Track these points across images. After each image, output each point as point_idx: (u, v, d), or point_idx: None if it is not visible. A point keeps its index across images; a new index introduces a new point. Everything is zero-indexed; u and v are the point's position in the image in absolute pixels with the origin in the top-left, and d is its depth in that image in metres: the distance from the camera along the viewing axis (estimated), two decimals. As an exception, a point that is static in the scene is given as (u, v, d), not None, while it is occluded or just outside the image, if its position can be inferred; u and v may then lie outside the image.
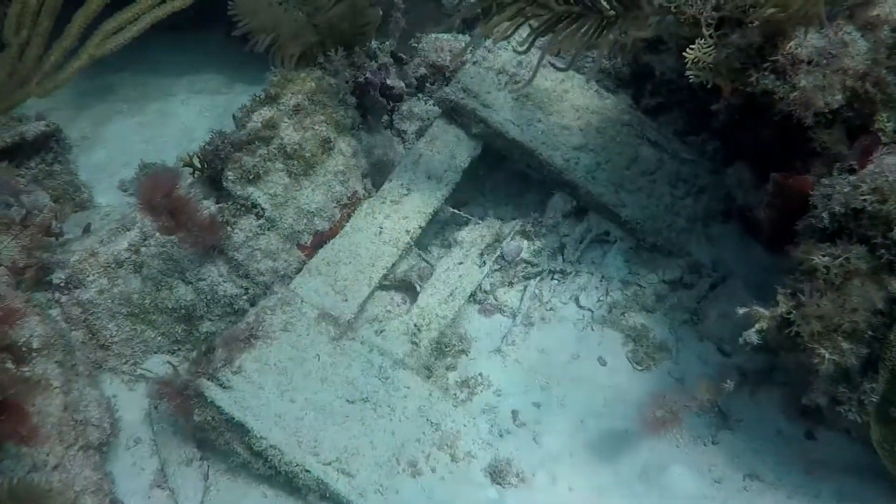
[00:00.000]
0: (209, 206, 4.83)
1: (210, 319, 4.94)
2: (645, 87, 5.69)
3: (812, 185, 4.05)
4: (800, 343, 3.84)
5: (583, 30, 4.20)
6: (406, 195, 5.15)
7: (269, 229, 4.84)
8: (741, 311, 3.92)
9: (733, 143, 5.28)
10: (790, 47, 3.90)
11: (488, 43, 5.21)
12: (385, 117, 5.64)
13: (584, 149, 5.25)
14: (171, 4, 5.49)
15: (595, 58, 5.16)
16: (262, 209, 4.81)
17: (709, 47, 4.01)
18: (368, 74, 5.09)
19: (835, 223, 3.84)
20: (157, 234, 4.63)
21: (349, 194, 5.06)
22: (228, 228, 4.79)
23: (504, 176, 5.66)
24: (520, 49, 4.32)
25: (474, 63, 5.37)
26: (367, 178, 5.20)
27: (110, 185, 6.32)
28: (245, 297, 4.88)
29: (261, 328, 4.49)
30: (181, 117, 7.00)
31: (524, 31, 4.40)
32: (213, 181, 4.90)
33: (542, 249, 5.17)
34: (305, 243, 4.93)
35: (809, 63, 3.92)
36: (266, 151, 4.81)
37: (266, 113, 4.85)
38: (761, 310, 3.91)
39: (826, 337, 3.77)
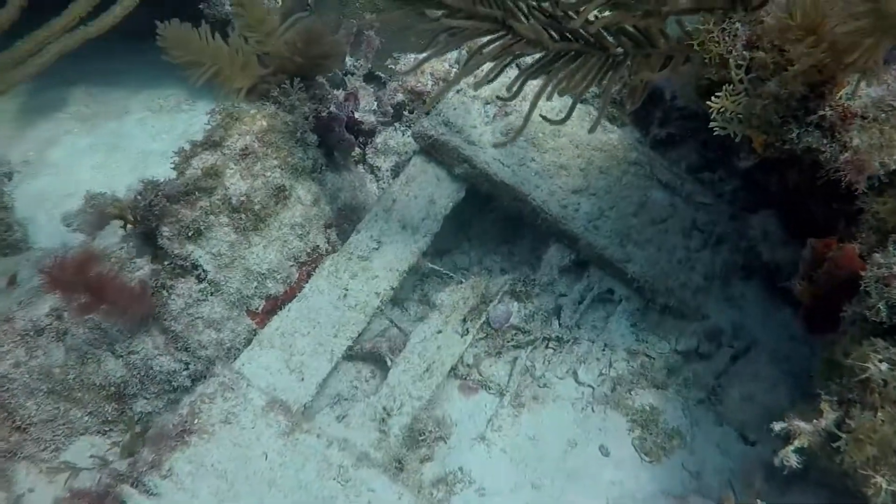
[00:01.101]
0: (143, 266, 4.01)
1: (145, 398, 4.15)
2: (653, 114, 4.84)
3: (863, 265, 3.22)
4: (848, 466, 3.04)
5: (583, 70, 3.35)
6: (376, 249, 4.34)
7: (212, 294, 4.05)
8: (777, 427, 3.11)
9: (757, 184, 4.44)
10: (840, 97, 3.05)
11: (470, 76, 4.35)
12: (357, 150, 4.79)
13: (585, 193, 4.43)
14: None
15: (600, 101, 4.30)
16: (205, 271, 4.03)
17: (738, 95, 3.17)
18: (332, 108, 4.27)
19: (894, 317, 3.01)
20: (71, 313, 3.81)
21: (309, 250, 4.25)
22: (165, 294, 3.98)
23: (493, 218, 4.84)
24: (506, 95, 3.47)
25: (458, 91, 4.52)
26: (331, 229, 4.38)
27: (51, 218, 5.52)
28: (186, 373, 4.09)
29: (196, 421, 3.71)
30: (137, 140, 6.18)
31: (511, 70, 3.55)
32: (148, 236, 4.07)
33: (534, 313, 4.37)
34: (256, 309, 4.14)
35: (864, 117, 3.08)
36: (208, 203, 4.01)
37: (208, 158, 4.04)
38: (801, 424, 3.10)
39: (883, 462, 2.96)
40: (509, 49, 3.39)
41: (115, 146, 6.18)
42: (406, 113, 4.90)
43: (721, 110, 3.22)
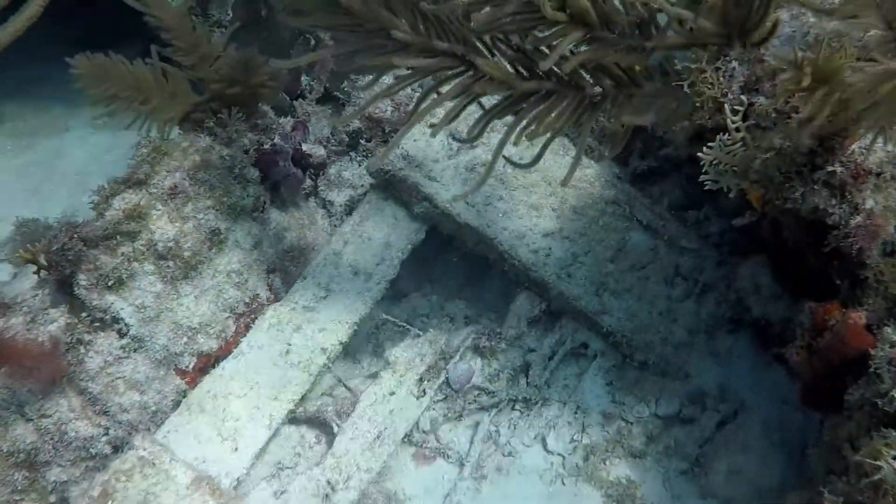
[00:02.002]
0: (57, 318, 3.49)
1: (60, 465, 3.62)
2: (633, 144, 4.34)
3: (872, 341, 2.76)
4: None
5: (555, 112, 2.86)
6: (324, 299, 3.84)
7: (135, 351, 3.56)
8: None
9: (747, 227, 3.95)
10: (852, 153, 2.57)
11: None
12: (308, 181, 4.27)
13: (558, 236, 3.95)
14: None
15: (575, 141, 3.82)
16: (127, 325, 3.53)
17: (734, 145, 2.69)
18: (277, 139, 3.76)
19: (909, 407, 2.57)
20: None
21: (247, 300, 3.75)
22: (81, 350, 3.46)
23: (458, 257, 4.32)
24: (467, 137, 2.97)
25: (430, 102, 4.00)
26: (274, 274, 3.88)
27: (-23, 247, 4.93)
28: (105, 439, 3.57)
29: (110, 504, 3.18)
30: (76, 159, 5.65)
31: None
32: (64, 284, 3.55)
33: (500, 371, 3.89)
34: (186, 368, 3.64)
35: (879, 175, 2.60)
36: (131, 249, 3.51)
37: (131, 198, 3.53)
38: (803, 529, 2.64)
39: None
40: (470, 88, 2.88)
41: (52, 166, 5.64)
42: (363, 142, 4.38)
43: (714, 162, 2.73)
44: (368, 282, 3.91)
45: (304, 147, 3.96)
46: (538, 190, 4.05)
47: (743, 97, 2.69)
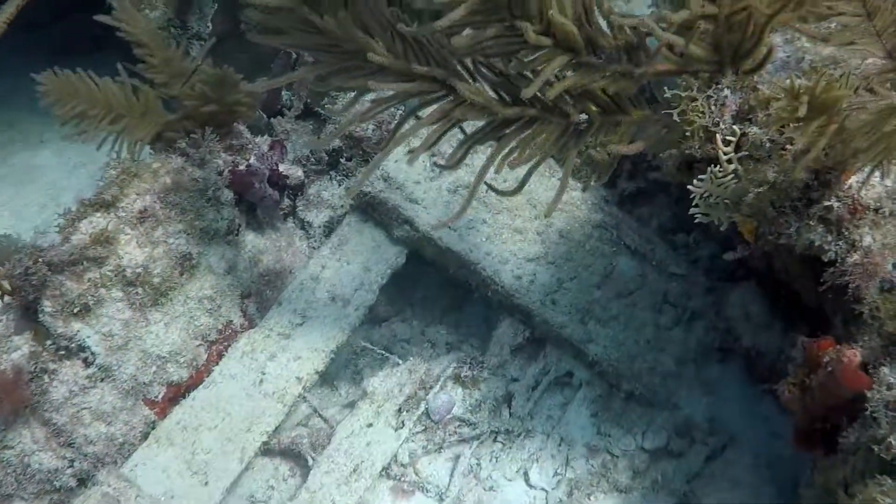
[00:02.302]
0: (21, 346, 3.33)
1: (23, 498, 3.44)
2: (621, 164, 4.21)
3: (868, 382, 2.62)
4: None
5: (539, 139, 2.71)
6: (300, 325, 3.69)
7: (102, 381, 3.41)
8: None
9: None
10: (850, 187, 2.44)
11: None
12: (287, 201, 4.12)
13: (542, 261, 3.81)
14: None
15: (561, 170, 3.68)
16: (93, 353, 3.37)
17: (726, 177, 2.54)
18: (252, 160, 3.60)
19: (908, 452, 2.43)
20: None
21: (220, 327, 3.60)
22: (45, 379, 3.30)
23: (440, 280, 4.18)
24: (446, 164, 2.82)
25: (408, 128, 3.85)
26: (249, 300, 3.72)
27: (-54, 265, 4.75)
28: (70, 472, 3.41)
29: (72, 544, 3.02)
30: (50, 173, 5.48)
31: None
32: (28, 310, 3.39)
33: (481, 402, 3.74)
34: (155, 398, 3.47)
35: (877, 211, 2.46)
36: (98, 275, 3.35)
37: (99, 222, 3.37)
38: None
39: None
40: (451, 114, 2.73)
41: (25, 180, 5.47)
42: (343, 161, 4.23)
43: (705, 195, 2.59)
44: (346, 308, 3.76)
45: (282, 168, 3.80)
46: (523, 213, 3.90)
47: (735, 127, 2.55)
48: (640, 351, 3.76)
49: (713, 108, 2.59)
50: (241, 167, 3.65)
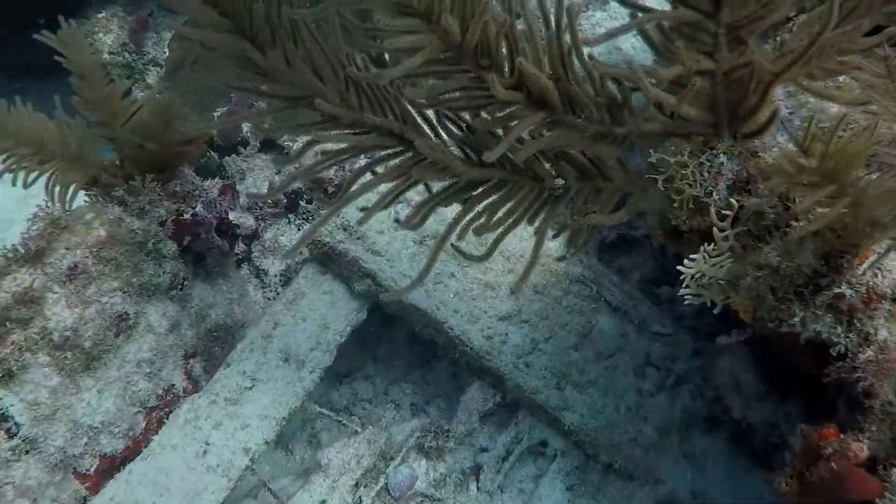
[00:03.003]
0: (-63, 415, 2.93)
1: (-63, 584, 3.03)
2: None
3: (878, 489, 2.27)
4: None
5: (509, 204, 2.34)
6: (249, 390, 3.30)
7: (27, 453, 3.01)
8: None
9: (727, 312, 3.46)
10: (864, 273, 2.07)
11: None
12: (241, 246, 3.73)
13: (516, 319, 3.44)
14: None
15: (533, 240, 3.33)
16: (17, 424, 2.99)
17: (721, 257, 2.18)
18: (199, 208, 3.22)
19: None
20: None
21: (160, 392, 3.22)
22: (-38, 453, 2.90)
23: (406, 333, 3.79)
24: (404, 224, 2.45)
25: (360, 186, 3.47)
26: (195, 359, 3.35)
27: None
28: (-10, 555, 2.99)
29: None
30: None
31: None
32: (-55, 374, 3.00)
33: (447, 475, 3.38)
34: (87, 471, 3.07)
35: (894, 301, 2.10)
36: (22, 338, 2.95)
37: (23, 279, 2.97)
38: None
39: None
40: (408, 173, 2.36)
41: (-30, 212, 5.03)
42: (303, 203, 3.84)
43: (696, 276, 2.22)
44: (301, 370, 3.38)
45: (232, 216, 3.42)
46: (495, 266, 3.54)
47: (732, 200, 2.18)
48: (621, 419, 3.40)
49: (706, 175, 2.22)
50: (186, 216, 3.26)
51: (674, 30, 2.11)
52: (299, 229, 3.90)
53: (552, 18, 2.17)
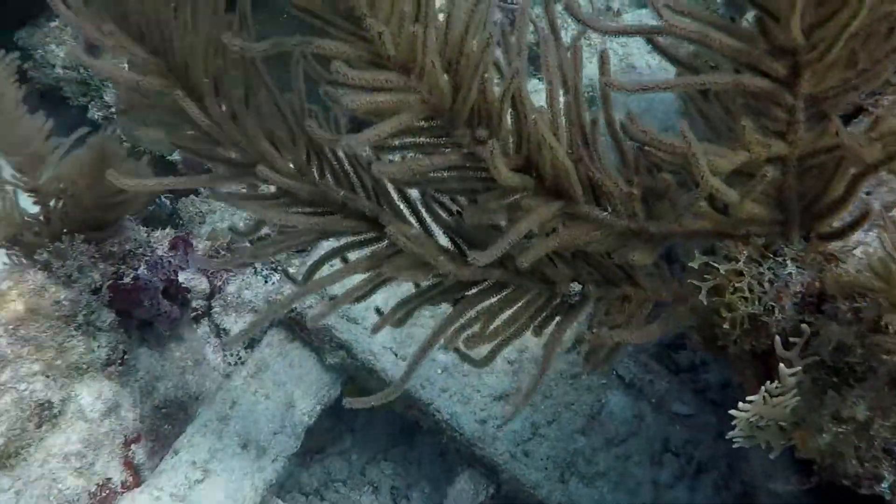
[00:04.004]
0: None
1: None
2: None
3: None
4: None
5: (510, 311, 1.78)
6: (200, 483, 2.76)
7: (-72, 572, 2.40)
8: None
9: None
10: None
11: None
12: (200, 301, 3.15)
13: (514, 399, 2.85)
14: None
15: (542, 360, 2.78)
16: (-85, 534, 2.38)
17: (785, 395, 1.61)
18: (142, 270, 2.64)
19: None
20: None
21: (93, 489, 2.67)
22: None
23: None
24: (382, 321, 1.88)
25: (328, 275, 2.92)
26: (137, 444, 2.77)
27: None
28: None
29: None
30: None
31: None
32: None
33: (430, 586, 2.78)
34: (1, 588, 2.49)
35: None
36: (-79, 433, 2.35)
37: (-78, 363, 2.38)
38: None
39: None
40: (382, 267, 1.79)
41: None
42: (271, 251, 3.25)
43: (751, 419, 1.65)
44: (261, 459, 2.82)
45: (183, 277, 2.84)
46: (490, 335, 2.95)
47: (803, 322, 1.61)
48: (634, 517, 2.84)
49: (767, 287, 1.64)
50: (127, 280, 2.68)
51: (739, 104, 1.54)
52: (267, 281, 3.32)
53: (570, 75, 1.59)
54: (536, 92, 4.01)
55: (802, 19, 1.42)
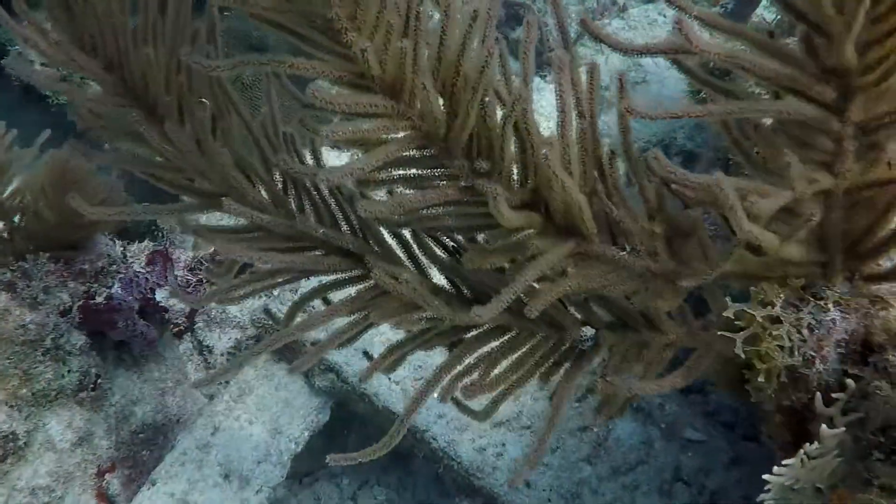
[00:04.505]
0: None
1: None
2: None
3: None
4: None
5: (514, 357, 1.56)
6: (178, 518, 2.50)
7: None
8: None
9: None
10: None
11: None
12: (181, 319, 2.93)
13: (515, 425, 2.72)
14: None
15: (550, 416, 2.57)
16: None
17: (825, 458, 1.40)
18: (116, 289, 2.43)
19: None
20: None
21: (63, 524, 2.41)
22: None
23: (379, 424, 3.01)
24: (372, 367, 1.66)
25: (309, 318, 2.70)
26: (112, 473, 2.57)
27: None
28: None
29: None
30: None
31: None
32: None
33: None
34: None
35: None
36: None
37: None
38: None
39: None
40: (367, 309, 1.57)
41: None
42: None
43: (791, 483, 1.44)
44: (244, 490, 2.61)
45: (160, 295, 2.62)
46: (490, 357, 2.74)
47: (846, 376, 1.40)
48: (643, 552, 2.64)
49: (807, 335, 1.43)
50: (99, 299, 2.46)
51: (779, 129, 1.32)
52: (254, 297, 3.09)
53: (586, 99, 1.38)
54: (539, 91, 3.79)
55: (857, 37, 1.21)
